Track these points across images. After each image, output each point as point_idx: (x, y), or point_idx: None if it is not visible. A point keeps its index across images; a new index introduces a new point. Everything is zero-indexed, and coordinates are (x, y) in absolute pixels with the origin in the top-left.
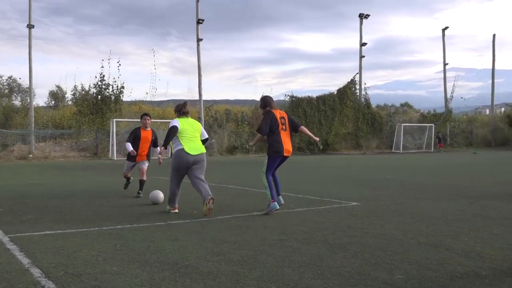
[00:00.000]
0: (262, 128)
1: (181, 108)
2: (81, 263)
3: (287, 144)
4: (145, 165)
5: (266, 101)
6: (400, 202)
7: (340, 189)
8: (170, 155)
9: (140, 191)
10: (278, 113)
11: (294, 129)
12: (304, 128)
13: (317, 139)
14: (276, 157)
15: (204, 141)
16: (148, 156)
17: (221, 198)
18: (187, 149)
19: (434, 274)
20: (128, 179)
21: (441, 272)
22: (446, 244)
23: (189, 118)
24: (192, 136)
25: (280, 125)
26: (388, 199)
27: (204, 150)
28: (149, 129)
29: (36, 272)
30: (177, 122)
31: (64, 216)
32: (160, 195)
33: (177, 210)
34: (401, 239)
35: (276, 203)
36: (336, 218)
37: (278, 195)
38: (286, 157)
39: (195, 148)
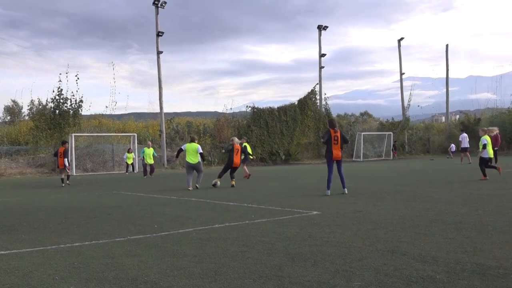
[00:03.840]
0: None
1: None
2: (37, 283)
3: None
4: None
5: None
6: (359, 210)
7: (301, 199)
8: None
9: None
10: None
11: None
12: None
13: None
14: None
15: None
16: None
17: (182, 211)
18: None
19: (391, 280)
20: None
21: (397, 277)
22: (403, 249)
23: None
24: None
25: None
26: (348, 207)
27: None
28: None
29: None
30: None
31: (19, 235)
32: None
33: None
34: (360, 246)
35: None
36: (297, 228)
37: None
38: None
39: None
